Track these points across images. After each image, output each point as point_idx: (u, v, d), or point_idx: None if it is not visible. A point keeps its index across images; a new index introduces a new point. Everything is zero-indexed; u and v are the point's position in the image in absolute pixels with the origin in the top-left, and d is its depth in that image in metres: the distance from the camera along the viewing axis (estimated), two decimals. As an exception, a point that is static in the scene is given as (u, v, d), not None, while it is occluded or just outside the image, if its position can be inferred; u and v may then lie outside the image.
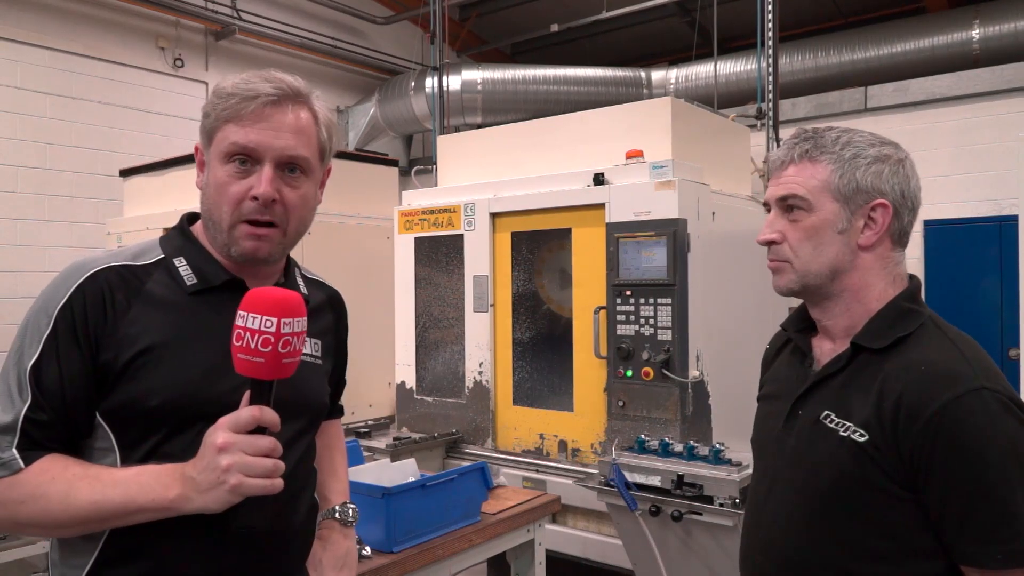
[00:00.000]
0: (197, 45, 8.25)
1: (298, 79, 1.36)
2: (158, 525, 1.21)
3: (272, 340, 1.14)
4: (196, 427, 1.24)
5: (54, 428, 1.23)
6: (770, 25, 5.04)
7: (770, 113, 5.05)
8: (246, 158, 1.30)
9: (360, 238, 4.72)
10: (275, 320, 1.15)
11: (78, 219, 7.15)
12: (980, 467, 1.20)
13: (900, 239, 1.41)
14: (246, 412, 1.17)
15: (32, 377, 1.22)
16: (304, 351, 1.36)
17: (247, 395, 1.19)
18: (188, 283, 1.33)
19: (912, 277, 1.44)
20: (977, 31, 7.25)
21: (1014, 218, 2.71)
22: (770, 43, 5.02)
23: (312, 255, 4.51)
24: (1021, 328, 3.14)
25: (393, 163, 5.38)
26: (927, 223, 6.72)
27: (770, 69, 5.03)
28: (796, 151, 1.40)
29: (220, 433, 1.16)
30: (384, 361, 4.42)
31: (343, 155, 5.31)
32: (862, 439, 1.28)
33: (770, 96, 5.03)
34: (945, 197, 6.82)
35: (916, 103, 7.00)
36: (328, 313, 1.59)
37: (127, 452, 1.26)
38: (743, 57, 8.30)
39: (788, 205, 1.40)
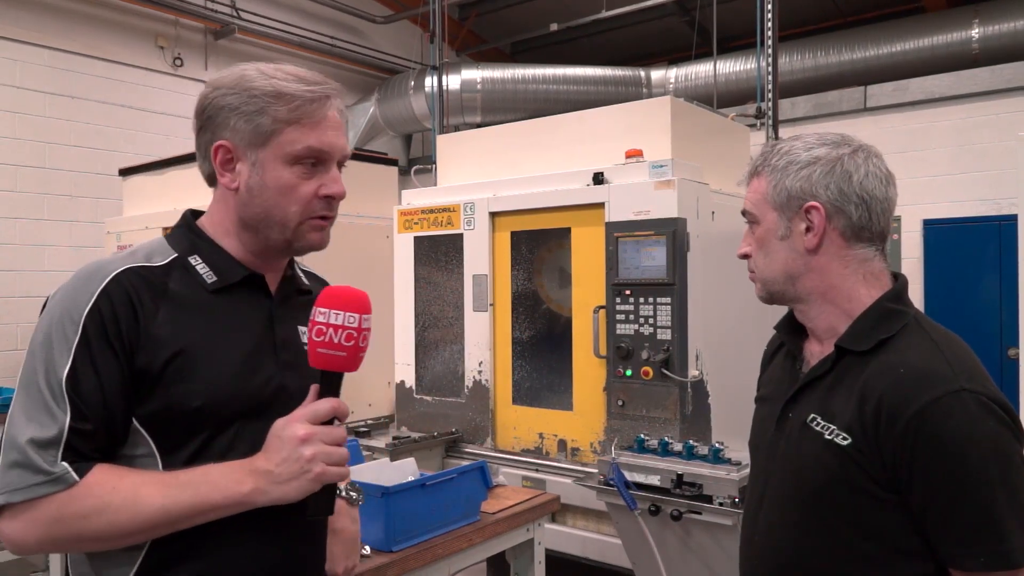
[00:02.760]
0: (196, 44, 8.25)
1: (314, 72, 1.38)
2: (204, 526, 1.20)
3: (355, 335, 1.23)
4: (234, 425, 1.28)
5: (97, 438, 1.19)
6: (770, 24, 5.04)
7: (770, 112, 5.05)
8: (316, 160, 1.32)
9: (359, 237, 4.72)
10: (358, 316, 1.24)
11: (77, 218, 7.15)
12: (960, 469, 1.20)
13: (857, 235, 1.38)
14: (325, 404, 1.22)
15: (69, 386, 1.17)
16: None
17: (315, 388, 1.25)
18: (208, 281, 1.32)
19: (898, 276, 1.45)
20: (976, 31, 7.25)
21: (1013, 217, 2.71)
22: (770, 42, 5.02)
23: (311, 254, 4.50)
24: (1020, 327, 3.14)
25: (392, 162, 5.38)
26: (926, 222, 6.73)
27: (770, 68, 5.03)
28: (751, 168, 1.48)
29: (301, 425, 1.20)
30: (383, 360, 4.42)
31: (343, 154, 5.31)
32: (845, 442, 1.29)
33: (770, 95, 5.04)
34: (944, 196, 6.83)
35: (915, 103, 7.01)
36: None
37: (169, 457, 1.24)
38: (742, 56, 8.30)
39: (747, 220, 1.48)
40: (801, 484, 1.36)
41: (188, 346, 1.25)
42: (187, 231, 1.37)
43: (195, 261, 1.33)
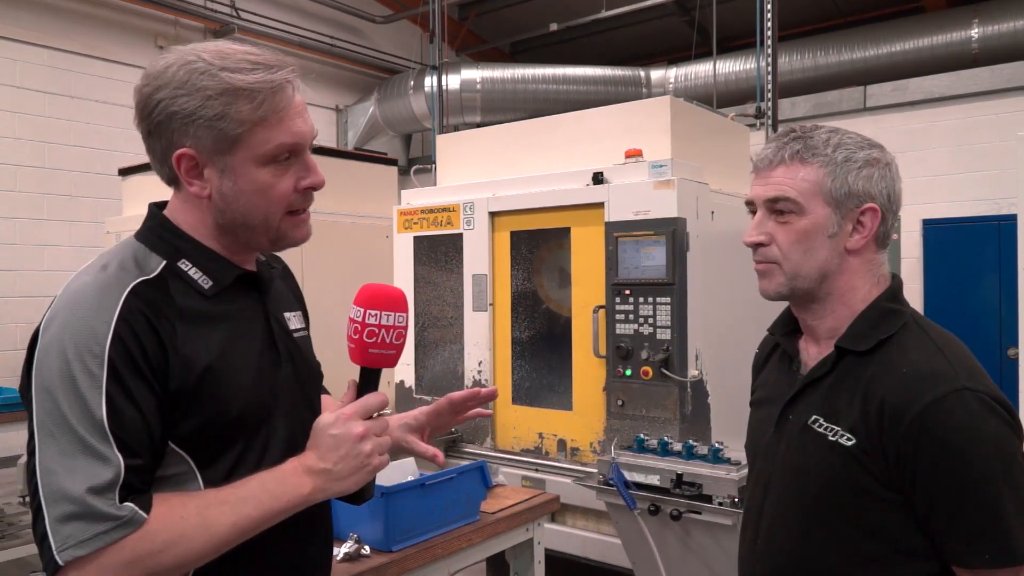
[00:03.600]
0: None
1: (260, 48, 1.28)
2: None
3: (403, 333, 1.27)
4: (262, 430, 1.27)
5: (148, 470, 1.15)
6: (769, 24, 5.04)
7: (769, 112, 5.05)
8: (289, 154, 1.24)
9: (359, 237, 4.72)
10: (405, 315, 1.27)
11: (77, 218, 7.15)
12: (964, 468, 1.21)
13: (883, 241, 1.40)
14: (375, 398, 1.25)
15: (112, 425, 1.10)
16: (295, 326, 1.43)
17: (352, 384, 1.28)
18: (205, 287, 1.25)
19: (894, 276, 1.43)
20: (976, 30, 7.26)
21: (1013, 217, 2.71)
22: (769, 42, 5.02)
23: (311, 254, 4.51)
24: (1020, 327, 3.14)
25: (392, 162, 5.39)
26: (926, 222, 6.73)
27: (769, 68, 5.04)
28: (787, 151, 1.37)
29: (357, 423, 1.22)
30: (383, 360, 4.42)
31: (342, 154, 5.31)
32: (849, 443, 1.28)
33: (769, 95, 5.04)
34: (944, 196, 6.83)
35: (915, 102, 7.01)
36: (289, 278, 1.56)
37: (207, 471, 1.21)
38: (742, 56, 8.31)
39: (778, 208, 1.37)
40: (804, 486, 1.35)
41: (212, 359, 1.21)
42: (165, 232, 1.28)
43: (185, 266, 1.25)
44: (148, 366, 1.14)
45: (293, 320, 1.44)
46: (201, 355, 1.20)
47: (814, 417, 1.34)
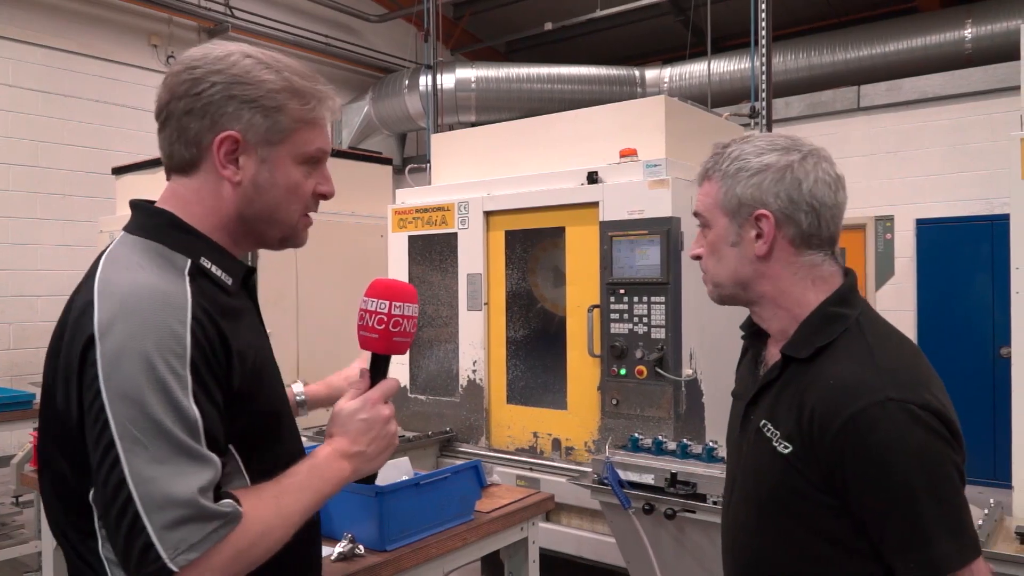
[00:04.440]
0: (190, 43, 8.23)
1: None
2: None
3: (417, 323, 1.40)
4: (285, 420, 1.35)
5: (225, 467, 1.19)
6: (764, 24, 5.05)
7: (764, 112, 5.06)
8: (318, 160, 1.34)
9: (354, 236, 4.72)
10: (417, 307, 1.39)
11: (71, 217, 7.13)
12: (885, 479, 1.22)
13: (807, 241, 1.38)
14: (393, 383, 1.37)
15: (205, 428, 1.12)
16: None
17: (365, 372, 1.37)
18: (228, 283, 1.28)
19: (848, 274, 1.42)
20: (969, 30, 7.28)
21: (1006, 217, 2.72)
22: (764, 42, 5.03)
23: (306, 253, 4.50)
24: (1013, 327, 3.15)
25: (387, 161, 5.38)
26: (919, 222, 6.75)
27: (763, 68, 5.04)
28: (702, 170, 1.47)
29: (385, 405, 1.34)
30: (378, 359, 4.42)
31: (337, 153, 5.30)
32: (786, 451, 1.32)
33: (763, 95, 5.05)
34: (937, 196, 6.85)
35: (908, 102, 7.03)
36: None
37: (251, 468, 1.24)
38: (737, 56, 8.33)
39: (699, 223, 1.48)
40: (758, 487, 1.40)
41: (255, 355, 1.26)
42: (179, 231, 1.26)
43: (207, 264, 1.25)
44: (219, 367, 1.17)
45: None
46: (248, 352, 1.24)
47: (764, 421, 1.38)
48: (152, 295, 1.14)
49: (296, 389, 1.78)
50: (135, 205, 1.32)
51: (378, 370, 1.37)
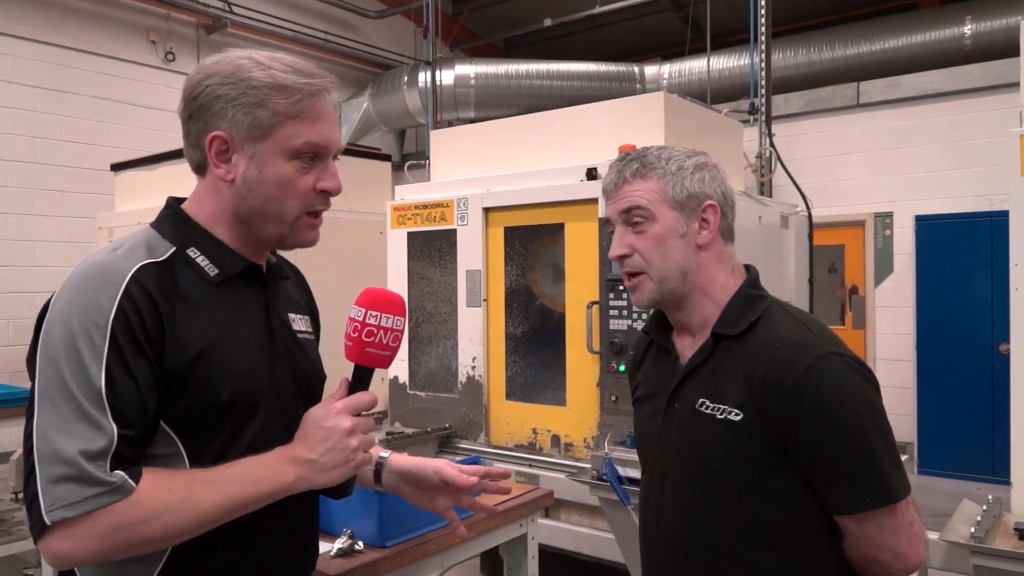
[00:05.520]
0: (188, 39, 8.22)
1: (311, 63, 1.37)
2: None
3: (399, 336, 1.33)
4: (254, 421, 1.30)
5: (138, 443, 1.19)
6: (763, 20, 5.05)
7: (763, 108, 5.06)
8: (314, 155, 1.31)
9: (353, 233, 4.71)
10: (403, 320, 1.34)
11: (69, 214, 7.12)
12: (839, 422, 1.36)
13: (729, 234, 1.56)
14: (367, 397, 1.30)
15: (109, 394, 1.15)
16: (299, 327, 1.47)
17: (345, 381, 1.32)
18: (211, 274, 1.31)
19: (749, 267, 1.59)
20: (969, 27, 7.27)
21: (1005, 214, 2.72)
22: (763, 38, 5.03)
23: (304, 250, 4.49)
24: (1012, 323, 3.15)
25: (386, 158, 5.37)
26: (918, 219, 6.75)
27: (763, 64, 5.04)
28: (627, 171, 1.55)
29: (346, 417, 1.26)
30: (377, 356, 4.41)
31: (336, 150, 5.29)
32: (737, 418, 1.42)
33: (763, 91, 5.04)
34: (936, 192, 6.85)
35: (908, 99, 7.03)
36: (303, 288, 1.61)
37: (195, 454, 1.24)
38: (736, 52, 8.32)
39: (632, 218, 1.53)
40: (700, 463, 1.48)
41: (208, 343, 1.25)
42: (178, 221, 1.34)
43: (194, 253, 1.31)
44: (148, 342, 1.19)
45: (298, 322, 1.48)
46: (196, 338, 1.24)
47: (701, 400, 1.47)
48: (94, 272, 1.22)
49: (380, 454, 1.68)
50: (168, 198, 1.41)
51: (357, 381, 1.33)
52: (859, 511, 1.37)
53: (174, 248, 1.29)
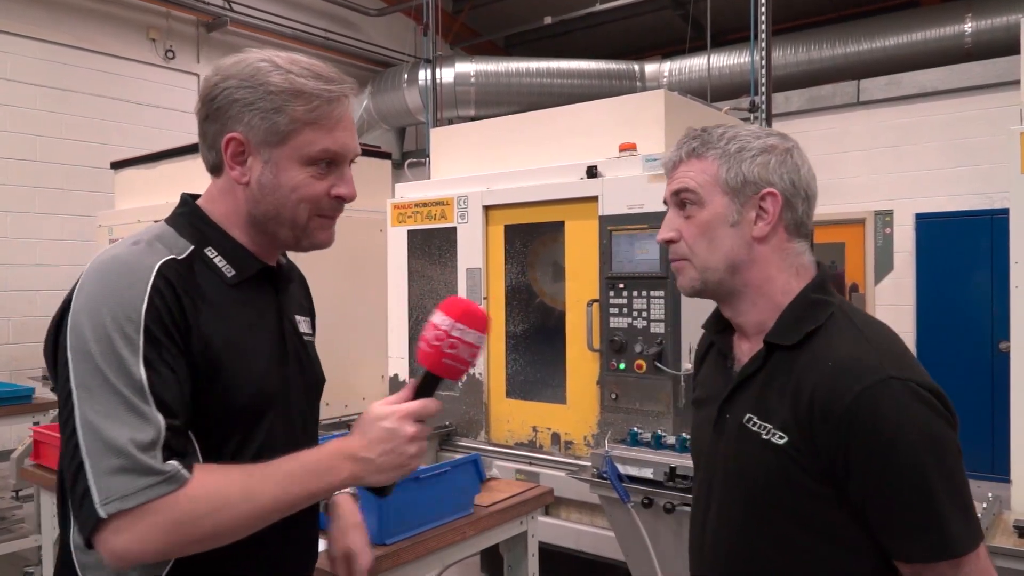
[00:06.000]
0: (188, 37, 8.21)
1: (330, 66, 1.35)
2: None
3: (477, 353, 1.30)
4: (267, 419, 1.30)
5: (184, 433, 1.18)
6: (763, 18, 5.03)
7: (763, 106, 5.05)
8: (331, 161, 1.31)
9: (353, 231, 4.70)
10: (485, 338, 1.30)
11: (69, 212, 7.12)
12: (894, 459, 1.18)
13: (797, 229, 1.38)
14: (433, 406, 1.28)
15: (152, 386, 1.13)
16: (304, 330, 1.48)
17: (413, 383, 1.30)
18: (228, 275, 1.30)
19: (820, 265, 1.42)
20: (969, 25, 7.27)
21: (1005, 211, 2.72)
22: (763, 36, 5.02)
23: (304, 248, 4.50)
24: (1012, 321, 3.15)
25: (386, 156, 5.37)
26: (919, 216, 6.75)
27: (763, 62, 5.03)
28: (684, 149, 1.41)
29: (412, 424, 1.24)
30: (377, 354, 4.42)
31: (336, 148, 5.29)
32: (782, 441, 1.27)
33: (763, 89, 5.03)
34: (937, 190, 6.85)
35: (908, 96, 7.02)
36: (304, 288, 1.62)
37: (210, 455, 1.23)
38: (736, 50, 8.31)
39: (681, 200, 1.40)
40: (743, 485, 1.34)
41: (226, 344, 1.25)
42: (195, 219, 1.34)
43: (211, 253, 1.31)
44: (179, 334, 1.19)
45: (303, 324, 1.49)
46: (218, 337, 1.24)
47: (748, 416, 1.33)
48: (118, 266, 1.21)
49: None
50: (181, 195, 1.40)
51: (425, 387, 1.31)
52: (913, 561, 1.20)
53: (193, 247, 1.29)
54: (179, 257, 1.25)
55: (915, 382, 1.21)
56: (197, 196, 1.39)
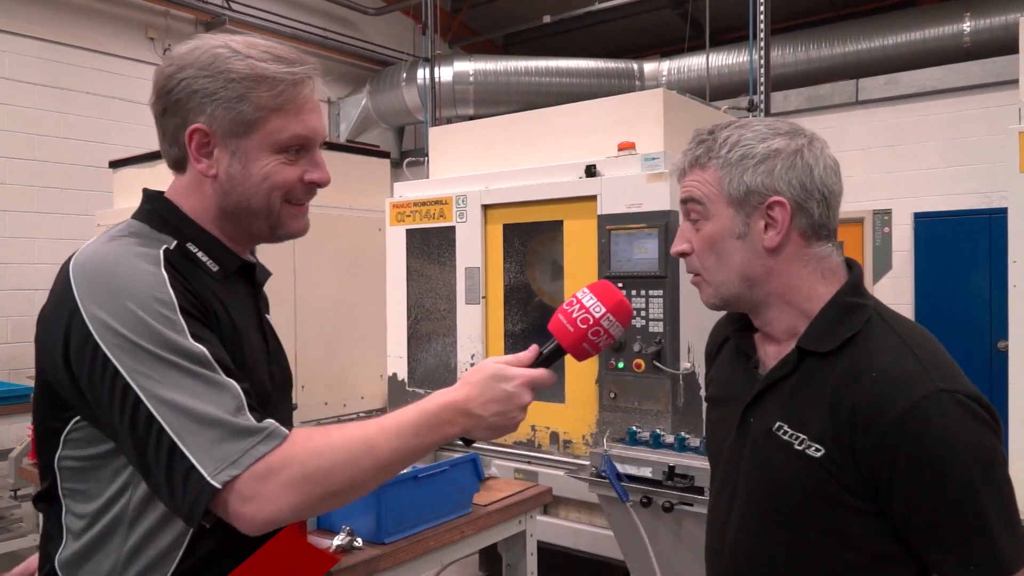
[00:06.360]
0: (187, 36, 8.16)
1: (289, 47, 1.30)
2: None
3: (612, 343, 1.29)
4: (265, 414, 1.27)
5: (254, 396, 1.14)
6: (762, 17, 5.04)
7: (762, 105, 5.06)
8: (300, 147, 1.26)
9: (352, 230, 4.71)
10: (622, 330, 1.29)
11: (68, 211, 7.11)
12: (944, 475, 1.14)
13: (816, 233, 1.29)
14: (551, 380, 1.25)
15: (212, 353, 1.10)
16: (273, 328, 1.44)
17: (535, 349, 1.27)
18: (213, 270, 1.27)
19: (851, 264, 1.34)
20: (968, 24, 7.27)
21: (1004, 211, 2.72)
22: (762, 35, 5.02)
23: (303, 246, 4.50)
24: (1010, 320, 3.16)
25: (385, 155, 5.37)
26: (917, 215, 6.75)
27: (762, 61, 5.04)
28: (688, 158, 1.33)
29: (528, 391, 1.22)
30: (376, 353, 4.42)
31: (334, 147, 5.29)
32: (818, 454, 1.22)
33: (762, 88, 5.04)
34: (935, 190, 6.85)
35: (907, 96, 7.03)
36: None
37: None
38: (735, 49, 8.31)
39: (690, 212, 1.34)
40: (773, 498, 1.29)
41: (229, 333, 1.22)
42: (169, 216, 1.28)
43: (193, 248, 1.26)
44: (203, 310, 1.17)
45: (272, 322, 1.46)
46: (225, 323, 1.22)
47: (778, 423, 1.27)
48: (118, 258, 1.15)
49: None
50: (144, 191, 1.34)
51: (550, 357, 1.28)
52: None
53: (176, 241, 1.24)
54: (171, 248, 1.22)
55: (963, 394, 1.17)
56: (159, 192, 1.33)
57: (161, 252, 1.17)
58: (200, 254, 1.26)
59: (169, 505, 1.09)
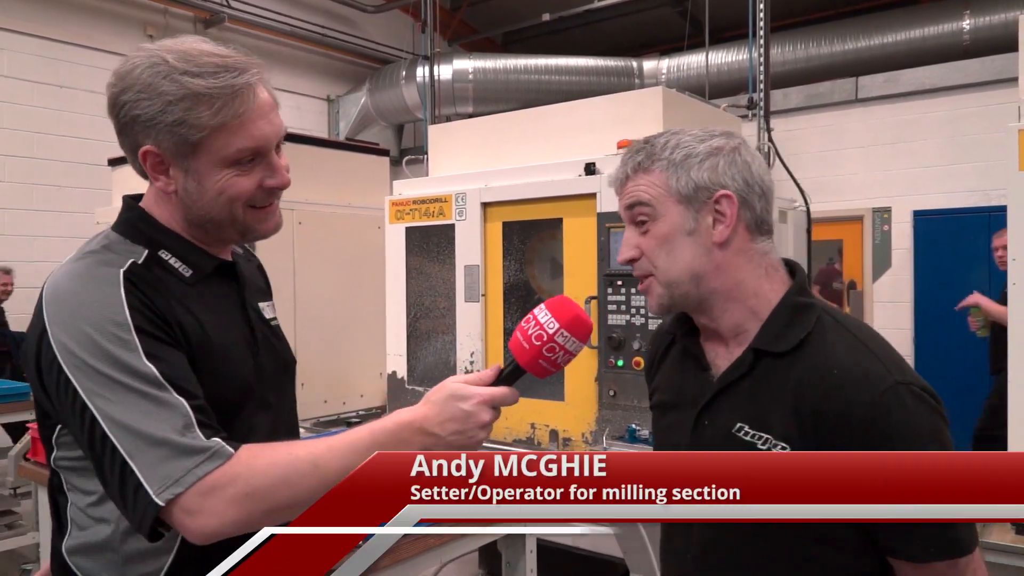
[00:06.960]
0: (186, 33, 8.19)
1: (230, 48, 1.26)
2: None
3: (572, 359, 1.26)
4: (246, 411, 1.29)
5: (208, 411, 1.15)
6: (762, 15, 5.03)
7: (761, 103, 5.05)
8: (253, 156, 1.24)
9: (351, 228, 4.71)
10: (581, 346, 1.25)
11: (66, 209, 7.11)
12: None
13: (759, 228, 1.34)
14: (511, 398, 1.24)
15: (163, 373, 1.12)
16: (269, 315, 1.45)
17: (496, 368, 1.26)
18: (186, 275, 1.28)
19: (791, 264, 1.39)
20: (967, 22, 7.28)
21: (1003, 208, 2.72)
22: (762, 33, 5.02)
23: (302, 245, 4.50)
24: (1009, 319, 3.16)
25: (384, 153, 5.36)
26: (916, 213, 6.76)
27: (761, 59, 5.03)
28: (629, 165, 1.35)
29: (487, 410, 1.21)
30: (375, 351, 4.42)
31: (334, 144, 5.29)
32: (784, 452, 1.24)
33: (761, 86, 5.03)
34: (935, 188, 6.86)
35: (906, 94, 7.03)
36: (261, 272, 1.58)
37: None
38: (735, 47, 8.31)
39: (636, 216, 1.35)
40: None
41: (198, 342, 1.23)
42: (142, 224, 1.31)
43: (166, 256, 1.28)
44: (165, 326, 1.18)
45: (267, 310, 1.46)
46: (191, 334, 1.22)
47: (739, 425, 1.29)
48: (81, 279, 1.20)
49: None
50: (123, 199, 1.37)
51: (509, 376, 1.27)
52: (920, 560, 1.21)
53: (147, 251, 1.26)
54: (139, 262, 1.23)
55: (916, 386, 1.23)
56: (139, 197, 1.35)
57: (122, 272, 1.19)
58: (173, 260, 1.28)
59: (124, 516, 1.14)
